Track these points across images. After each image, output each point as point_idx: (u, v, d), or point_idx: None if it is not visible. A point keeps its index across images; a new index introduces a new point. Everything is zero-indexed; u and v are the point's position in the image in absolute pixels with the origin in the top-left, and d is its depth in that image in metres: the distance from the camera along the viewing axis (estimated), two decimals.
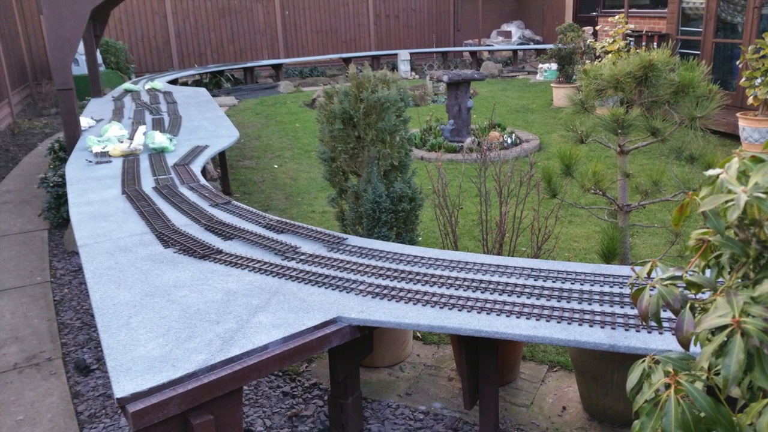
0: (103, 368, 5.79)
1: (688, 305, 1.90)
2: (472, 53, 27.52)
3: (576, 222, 8.76)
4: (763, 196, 1.72)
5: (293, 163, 12.64)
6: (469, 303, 3.90)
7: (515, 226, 6.15)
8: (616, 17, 14.96)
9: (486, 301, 3.92)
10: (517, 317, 3.72)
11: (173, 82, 18.07)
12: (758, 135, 11.25)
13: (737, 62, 12.29)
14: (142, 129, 8.76)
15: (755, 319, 1.67)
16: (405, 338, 5.69)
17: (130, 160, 7.82)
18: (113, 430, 4.99)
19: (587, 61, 16.20)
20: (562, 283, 4.18)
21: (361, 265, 4.54)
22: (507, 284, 4.15)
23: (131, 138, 8.66)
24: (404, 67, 25.01)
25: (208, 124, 10.08)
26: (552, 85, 17.79)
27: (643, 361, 1.99)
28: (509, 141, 12.83)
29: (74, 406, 5.30)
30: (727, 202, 1.77)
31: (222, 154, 10.33)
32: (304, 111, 18.13)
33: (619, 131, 5.47)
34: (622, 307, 3.79)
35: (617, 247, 5.37)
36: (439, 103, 18.40)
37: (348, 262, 4.59)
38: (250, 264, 4.60)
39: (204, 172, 8.04)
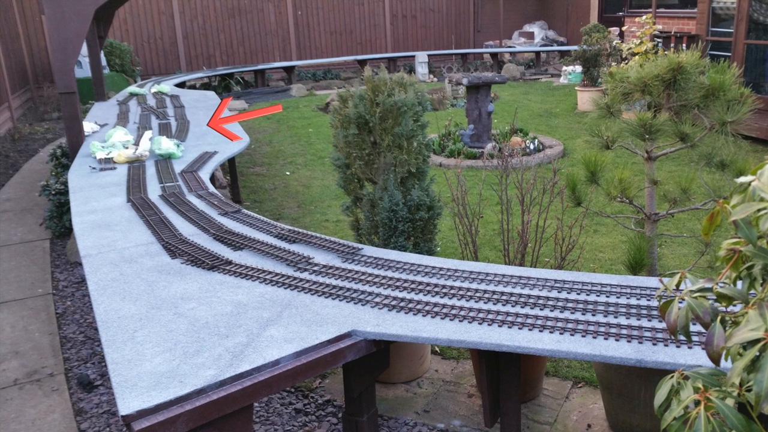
0: (108, 384, 5.81)
1: (719, 318, 1.90)
2: (493, 55, 27.54)
3: (601, 231, 8.75)
4: None
5: (306, 170, 12.67)
6: (490, 316, 3.90)
7: (538, 236, 6.15)
8: (644, 17, 14.93)
9: (507, 314, 3.92)
10: (540, 331, 3.72)
11: (181, 85, 18.15)
12: None
13: None
14: (148, 134, 8.79)
15: None
16: (423, 353, 5.70)
17: (136, 166, 7.85)
18: None
19: (613, 64, 16.18)
20: (587, 295, 4.18)
21: (376, 276, 4.55)
22: (529, 296, 4.15)
23: (137, 144, 8.69)
24: (422, 70, 25.03)
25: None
26: (576, 88, 17.79)
27: (672, 376, 1.99)
28: (532, 147, 12.84)
29: (77, 423, 5.32)
30: (759, 210, 1.77)
31: (231, 161, 10.37)
32: (318, 115, 18.17)
33: (647, 137, 5.47)
34: (649, 321, 3.79)
35: (644, 257, 5.36)
36: (458, 107, 18.41)
37: (363, 274, 4.59)
38: (260, 275, 4.60)
39: (213, 179, 8.07)
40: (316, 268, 4.73)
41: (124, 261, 4.96)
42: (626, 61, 14.98)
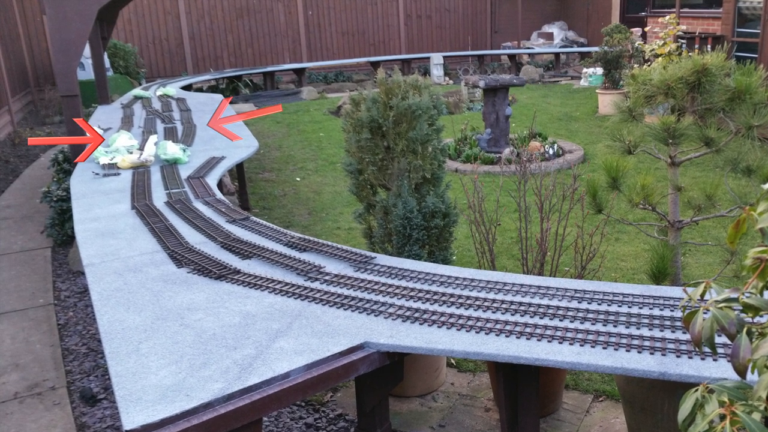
0: (111, 398, 5.82)
1: (745, 329, 1.90)
2: (511, 57, 27.51)
3: (623, 239, 8.74)
4: None
5: (317, 176, 12.70)
6: (508, 327, 3.90)
7: (557, 244, 6.15)
8: (667, 18, 14.93)
9: (526, 325, 3.92)
10: (560, 342, 3.72)
11: (187, 88, 18.17)
12: None
13: None
14: (153, 139, 8.81)
15: None
16: (438, 365, 5.70)
17: (141, 172, 7.87)
18: None
19: (635, 65, 16.16)
20: (608, 305, 4.18)
21: (390, 286, 4.55)
22: (548, 307, 4.15)
23: (141, 148, 8.70)
24: (437, 72, 25.04)
25: None
26: (597, 91, 17.76)
27: (696, 390, 1.99)
28: (551, 152, 12.83)
29: None
30: None
31: (240, 166, 10.38)
32: (329, 119, 18.20)
33: (670, 141, 5.47)
34: (673, 332, 3.79)
35: (668, 266, 5.35)
36: (474, 110, 18.42)
37: (376, 283, 4.60)
38: (270, 285, 4.61)
39: (220, 185, 8.09)
40: (327, 278, 4.73)
41: (128, 270, 4.97)
42: (649, 63, 14.98)
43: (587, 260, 5.99)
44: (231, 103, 15.12)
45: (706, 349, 3.45)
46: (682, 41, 16.27)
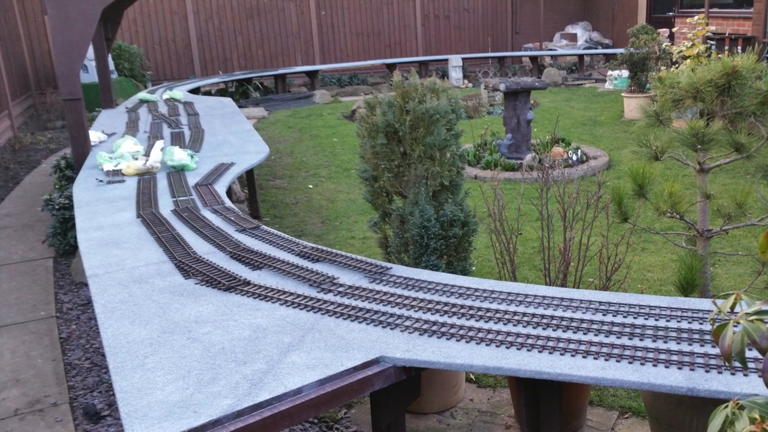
0: (116, 414, 5.83)
1: None
2: (533, 59, 27.50)
3: (650, 249, 8.72)
4: None
5: (330, 183, 12.71)
6: (529, 341, 3.90)
7: (581, 254, 6.14)
8: (696, 18, 14.88)
9: (548, 338, 3.92)
10: (584, 357, 3.71)
11: (195, 91, 18.22)
12: None
13: None
14: (159, 144, 8.83)
15: None
16: (456, 380, 5.69)
17: (146, 179, 7.90)
18: None
19: (662, 68, 16.12)
20: (634, 318, 4.17)
21: (407, 298, 4.55)
22: (572, 320, 4.14)
23: (147, 154, 8.72)
24: (456, 74, 25.05)
25: (234, 139, 10.16)
26: (623, 94, 17.74)
27: (726, 406, 1.99)
28: (574, 158, 12.81)
29: None
30: None
31: (250, 173, 10.40)
32: (343, 124, 18.23)
33: (699, 147, 5.45)
34: (702, 346, 3.78)
35: (696, 277, 5.34)
36: (495, 114, 18.42)
37: (392, 295, 4.59)
38: (281, 297, 4.62)
39: (229, 192, 8.10)
40: (341, 289, 4.73)
41: (133, 281, 4.98)
42: (677, 65, 14.94)
43: (612, 271, 5.98)
44: (240, 107, 15.18)
45: (737, 364, 3.44)
46: (712, 42, 16.24)
